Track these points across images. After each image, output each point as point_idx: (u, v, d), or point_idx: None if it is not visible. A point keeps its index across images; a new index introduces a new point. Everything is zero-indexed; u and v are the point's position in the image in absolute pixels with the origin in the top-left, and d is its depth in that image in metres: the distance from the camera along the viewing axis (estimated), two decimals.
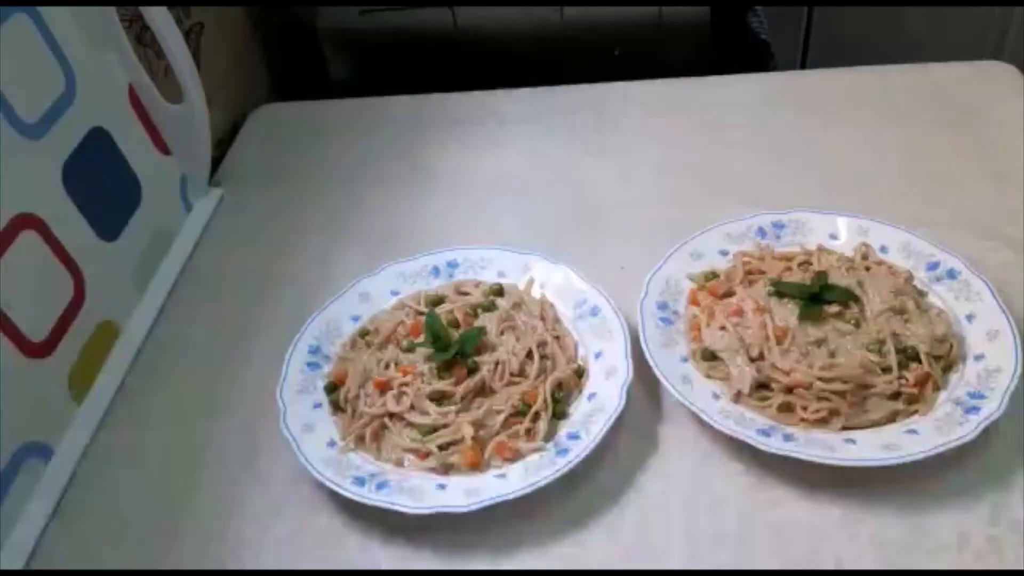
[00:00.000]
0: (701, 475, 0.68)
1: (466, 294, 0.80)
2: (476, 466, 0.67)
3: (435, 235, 0.92)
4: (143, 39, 0.93)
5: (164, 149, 0.93)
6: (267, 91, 1.24)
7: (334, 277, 0.87)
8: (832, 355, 0.70)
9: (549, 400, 0.71)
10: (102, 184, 0.82)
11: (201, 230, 0.96)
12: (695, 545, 0.64)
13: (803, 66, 1.56)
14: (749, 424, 0.67)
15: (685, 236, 0.82)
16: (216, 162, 1.06)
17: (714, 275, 0.79)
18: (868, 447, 0.65)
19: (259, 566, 0.66)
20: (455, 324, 0.76)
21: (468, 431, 0.68)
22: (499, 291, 0.80)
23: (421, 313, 0.77)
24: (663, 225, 0.88)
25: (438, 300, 0.79)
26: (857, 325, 0.72)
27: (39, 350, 0.72)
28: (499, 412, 0.69)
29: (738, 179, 0.95)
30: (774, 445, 0.65)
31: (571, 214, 0.94)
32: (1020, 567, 0.60)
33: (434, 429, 0.69)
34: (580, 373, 0.74)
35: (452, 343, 0.72)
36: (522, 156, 1.03)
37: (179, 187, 0.95)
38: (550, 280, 0.81)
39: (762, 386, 0.70)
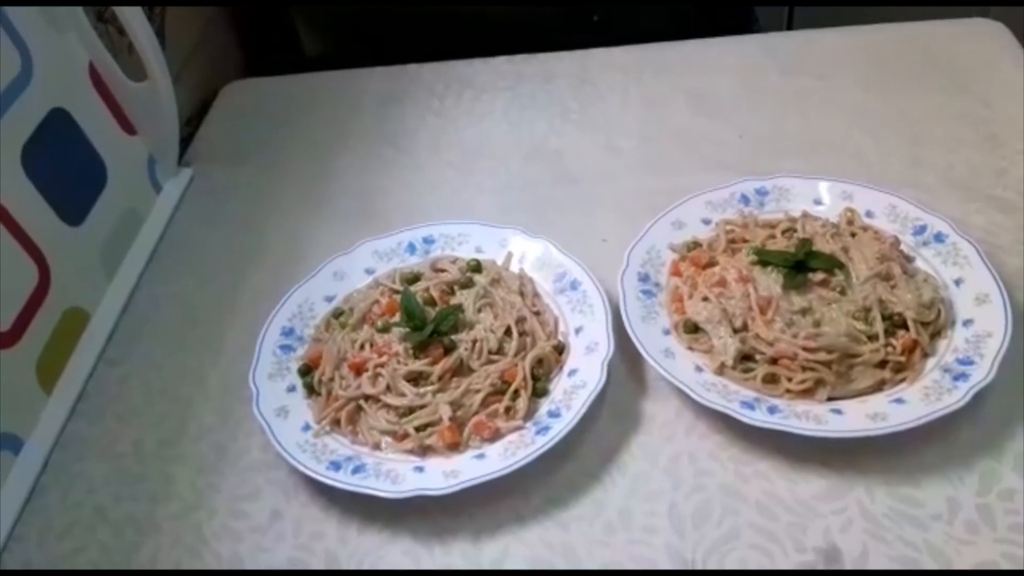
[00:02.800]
0: (685, 450, 0.67)
1: (442, 271, 0.78)
2: (455, 447, 0.66)
3: (412, 211, 0.90)
4: (103, 16, 0.90)
5: (130, 129, 0.90)
6: (238, 67, 1.21)
7: (309, 256, 0.85)
8: (817, 324, 0.68)
9: (529, 377, 0.69)
10: (65, 167, 0.80)
11: (171, 211, 0.94)
12: (680, 522, 0.62)
13: (789, 27, 1.53)
14: (733, 396, 0.65)
15: (668, 205, 0.80)
16: (186, 141, 1.03)
17: (696, 245, 0.77)
18: (854, 417, 0.63)
19: (235, 556, 0.65)
20: (431, 302, 0.74)
21: (446, 412, 0.66)
22: (476, 267, 0.78)
23: (396, 292, 0.75)
24: (645, 195, 0.86)
25: (414, 278, 0.77)
26: (842, 293, 0.70)
27: (4, 340, 0.70)
28: (477, 391, 0.68)
29: (721, 145, 0.93)
30: (758, 418, 0.63)
31: (551, 186, 0.92)
32: (1011, 536, 0.59)
33: (411, 410, 0.67)
34: (560, 349, 0.72)
35: (428, 322, 0.70)
36: (501, 127, 1.01)
37: (147, 167, 0.93)
38: (529, 254, 0.79)
39: (746, 357, 0.68)
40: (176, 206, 0.95)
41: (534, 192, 0.91)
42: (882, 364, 0.66)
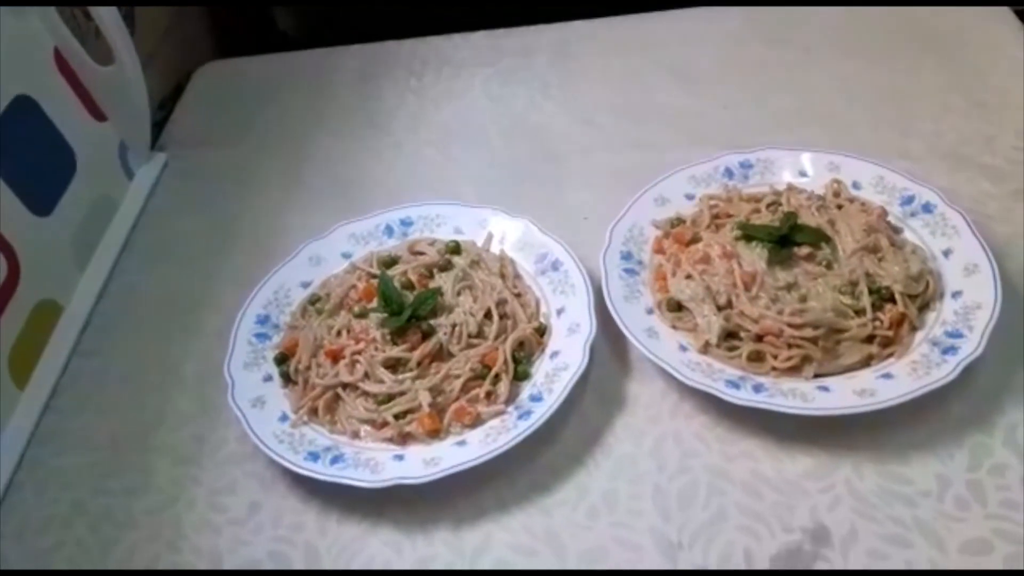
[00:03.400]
0: (670, 431, 0.65)
1: (421, 253, 0.76)
2: (435, 434, 0.65)
3: (390, 192, 0.88)
4: None
5: (99, 115, 0.88)
6: (211, 47, 1.18)
7: (286, 240, 0.83)
8: (803, 299, 0.66)
9: (510, 361, 0.67)
10: (31, 155, 0.78)
11: (145, 198, 0.92)
12: (665, 504, 0.61)
13: None
14: (718, 376, 0.64)
15: (650, 181, 0.78)
16: (159, 125, 1.01)
17: (680, 221, 0.76)
18: (842, 394, 0.62)
19: (214, 549, 0.64)
20: (409, 286, 0.73)
21: (425, 398, 0.65)
22: (456, 249, 0.76)
23: (374, 276, 0.74)
24: (628, 170, 0.84)
25: (391, 261, 0.75)
26: (828, 267, 0.68)
27: None
28: (457, 376, 0.66)
29: (705, 118, 0.91)
30: (744, 397, 0.62)
31: (532, 163, 0.90)
32: (1003, 512, 0.58)
33: (390, 398, 0.66)
34: (542, 331, 0.70)
35: (406, 307, 0.69)
36: (480, 104, 0.98)
37: (118, 154, 0.91)
38: (510, 235, 0.77)
39: (731, 335, 0.67)
40: (150, 193, 0.93)
41: (515, 170, 0.89)
42: (869, 339, 0.65)
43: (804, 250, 0.69)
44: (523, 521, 0.62)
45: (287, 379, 0.69)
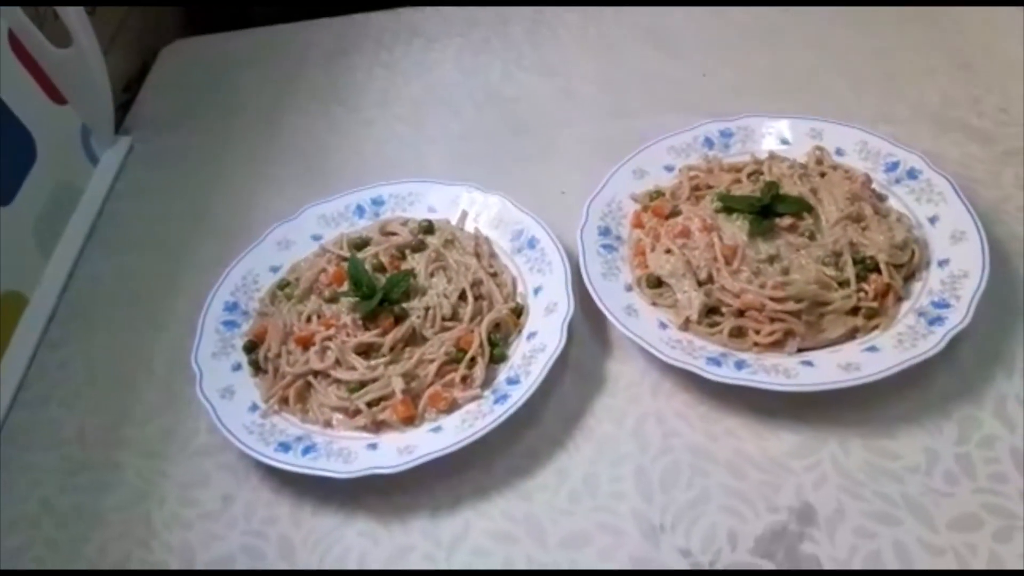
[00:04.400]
0: (651, 410, 0.64)
1: (393, 234, 0.74)
2: (410, 421, 0.63)
3: (361, 170, 0.85)
4: None
5: (59, 98, 0.85)
6: (177, 25, 1.15)
7: (256, 223, 0.80)
8: (785, 272, 0.64)
9: (485, 343, 0.66)
10: None
11: (110, 183, 0.89)
12: (647, 486, 0.60)
13: None
14: (699, 353, 0.62)
15: (629, 152, 0.76)
16: (124, 107, 0.98)
17: (659, 194, 0.73)
18: (826, 369, 0.60)
19: (186, 545, 0.62)
20: (381, 268, 0.70)
21: (399, 384, 0.63)
22: (429, 228, 0.74)
23: (344, 259, 0.71)
24: (605, 141, 0.82)
25: (362, 243, 0.73)
26: (811, 237, 0.66)
27: None
28: (431, 361, 0.64)
29: (684, 85, 0.89)
30: (725, 374, 0.60)
31: (507, 136, 0.88)
32: (992, 485, 0.56)
33: (362, 385, 0.64)
34: (518, 312, 0.68)
35: (377, 290, 0.66)
36: (452, 76, 0.96)
37: (80, 138, 0.88)
38: (484, 212, 0.75)
39: (712, 311, 0.65)
40: (115, 178, 0.90)
41: (489, 144, 0.87)
42: (854, 311, 0.63)
43: (786, 221, 0.67)
44: (502, 507, 0.60)
45: (257, 368, 0.67)
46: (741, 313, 0.64)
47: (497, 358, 0.66)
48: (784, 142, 0.75)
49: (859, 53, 0.88)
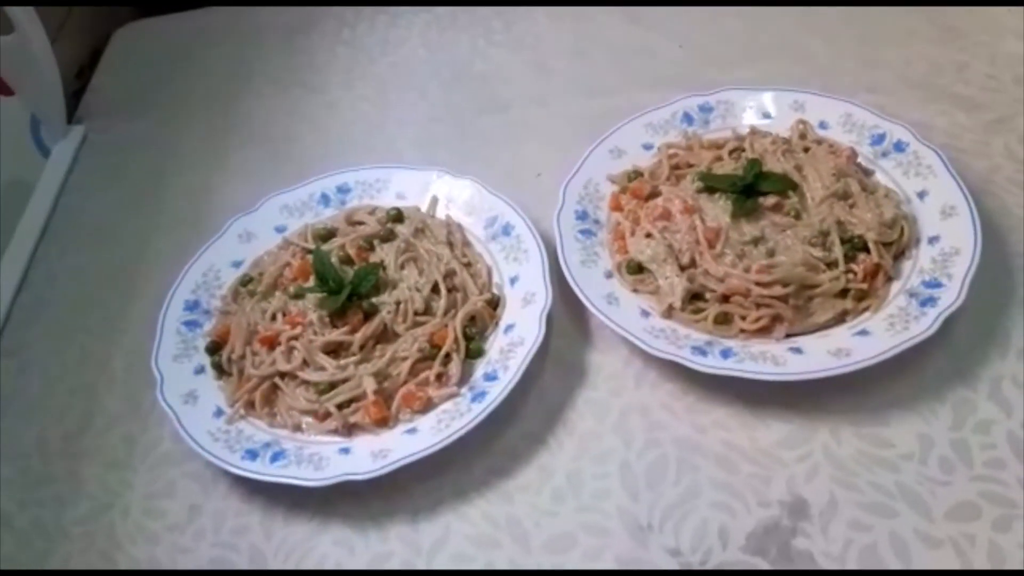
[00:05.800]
0: (635, 403, 0.61)
1: (360, 223, 0.71)
2: (383, 423, 0.60)
3: (326, 156, 0.82)
4: None
5: (5, 89, 0.81)
6: (132, 8, 1.09)
7: (217, 216, 0.76)
8: (771, 254, 0.62)
9: (461, 338, 0.63)
10: None
11: (63, 177, 0.85)
12: (633, 483, 0.57)
13: None
14: (683, 342, 0.60)
15: (605, 130, 0.73)
16: (76, 95, 0.94)
17: (638, 174, 0.70)
18: (815, 355, 0.58)
19: (152, 558, 0.59)
20: (348, 261, 0.67)
21: (370, 384, 0.60)
22: (398, 216, 0.70)
23: (309, 251, 0.68)
24: (581, 119, 0.80)
25: (328, 234, 0.70)
26: (797, 217, 0.64)
27: None
28: (404, 358, 0.62)
29: (661, 58, 0.86)
30: (711, 364, 0.58)
31: (478, 115, 0.84)
32: (989, 472, 0.54)
33: (332, 386, 0.61)
34: (494, 303, 0.65)
35: (344, 284, 0.63)
36: (420, 54, 0.92)
37: (30, 130, 0.84)
38: (456, 197, 0.72)
39: (696, 297, 0.62)
40: (68, 170, 0.86)
41: (459, 124, 0.84)
42: (843, 293, 0.61)
43: (770, 200, 0.64)
44: (484, 509, 0.58)
45: (220, 370, 0.64)
46: (726, 298, 0.61)
47: (473, 353, 0.63)
48: (766, 116, 0.73)
49: (839, 18, 0.86)
